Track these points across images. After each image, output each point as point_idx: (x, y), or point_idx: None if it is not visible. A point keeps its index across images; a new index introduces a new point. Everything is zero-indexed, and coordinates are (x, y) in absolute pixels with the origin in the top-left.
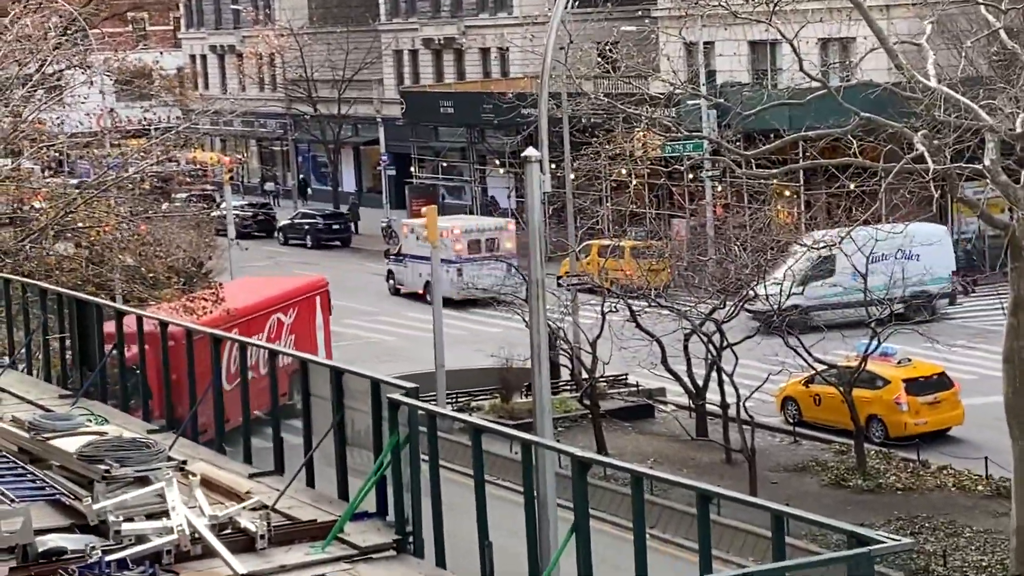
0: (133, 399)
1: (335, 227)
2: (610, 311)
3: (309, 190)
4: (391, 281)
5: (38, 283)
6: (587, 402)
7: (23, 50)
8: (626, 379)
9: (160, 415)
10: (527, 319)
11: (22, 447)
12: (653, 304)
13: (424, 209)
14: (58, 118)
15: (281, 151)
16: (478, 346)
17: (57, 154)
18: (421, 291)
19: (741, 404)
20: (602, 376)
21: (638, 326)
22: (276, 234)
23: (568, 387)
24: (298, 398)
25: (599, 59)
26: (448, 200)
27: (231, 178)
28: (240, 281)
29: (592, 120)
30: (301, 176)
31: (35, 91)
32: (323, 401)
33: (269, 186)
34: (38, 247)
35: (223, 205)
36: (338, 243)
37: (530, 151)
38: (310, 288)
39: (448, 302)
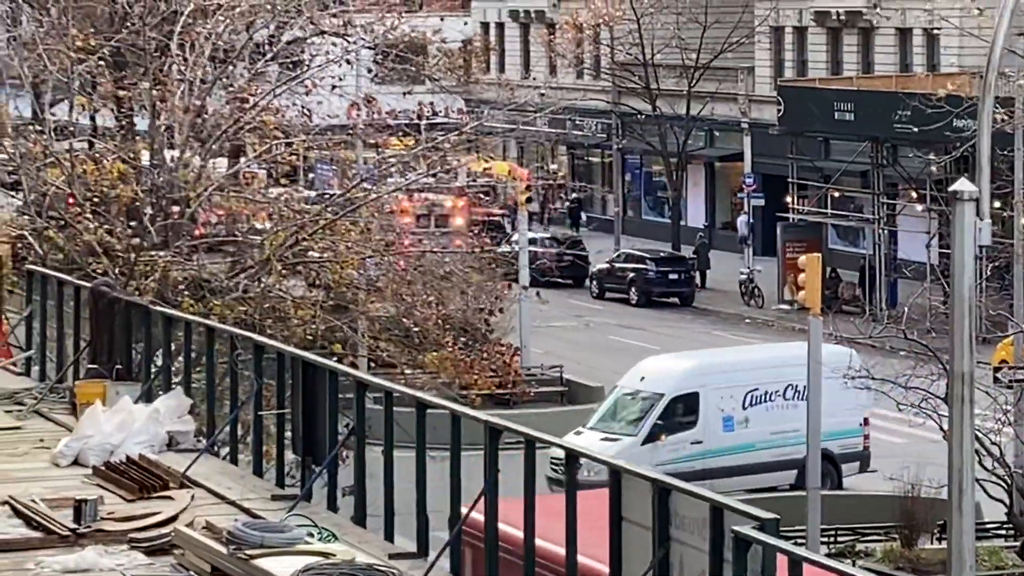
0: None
1: (673, 277)
2: None
3: (583, 216)
4: None
5: (252, 335)
6: None
7: (254, 9)
8: None
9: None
10: (944, 427)
11: (216, 566)
12: None
13: (803, 259)
14: (302, 106)
15: (602, 164)
16: (874, 462)
17: (293, 156)
18: None
19: None
20: None
21: None
22: (588, 282)
23: (1004, 532)
24: None
25: None
26: (837, 246)
27: (529, 199)
28: None
29: None
30: (574, 196)
31: (267, 67)
32: (639, 530)
33: (533, 207)
34: (257, 284)
35: (516, 238)
36: (676, 300)
37: (963, 183)
38: None
39: None
